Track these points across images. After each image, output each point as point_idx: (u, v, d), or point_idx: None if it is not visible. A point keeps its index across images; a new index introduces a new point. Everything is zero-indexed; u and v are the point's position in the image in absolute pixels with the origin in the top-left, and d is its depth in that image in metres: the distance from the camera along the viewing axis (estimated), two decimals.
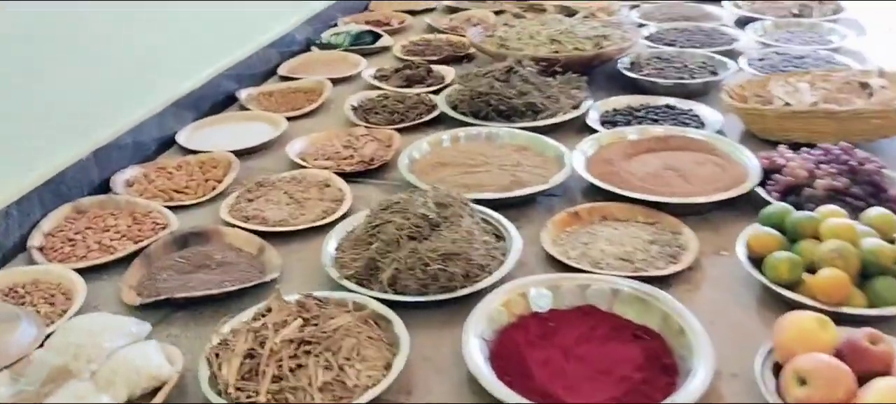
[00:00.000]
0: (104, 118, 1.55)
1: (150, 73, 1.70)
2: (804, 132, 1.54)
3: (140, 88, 1.67)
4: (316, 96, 1.94)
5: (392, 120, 1.76)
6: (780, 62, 1.94)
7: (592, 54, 1.94)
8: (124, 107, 1.61)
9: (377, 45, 2.34)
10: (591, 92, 1.83)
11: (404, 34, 2.51)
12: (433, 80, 2.01)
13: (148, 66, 1.68)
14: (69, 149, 1.46)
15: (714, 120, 1.69)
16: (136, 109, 1.65)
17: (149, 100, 1.70)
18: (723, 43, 2.16)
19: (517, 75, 1.74)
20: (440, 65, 2.14)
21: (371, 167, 1.54)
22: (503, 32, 2.10)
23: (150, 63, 1.69)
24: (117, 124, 1.58)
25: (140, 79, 1.66)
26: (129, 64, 1.62)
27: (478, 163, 1.50)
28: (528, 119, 1.69)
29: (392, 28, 2.52)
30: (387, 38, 2.40)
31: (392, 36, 2.45)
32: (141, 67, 1.66)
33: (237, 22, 2.04)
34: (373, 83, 2.00)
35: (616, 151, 1.52)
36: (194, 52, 1.86)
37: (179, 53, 1.80)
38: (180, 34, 1.79)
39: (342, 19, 2.59)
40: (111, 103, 1.57)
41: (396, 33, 2.51)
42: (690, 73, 1.90)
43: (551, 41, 2.02)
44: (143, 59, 1.67)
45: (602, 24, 2.18)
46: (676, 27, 2.30)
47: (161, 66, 1.73)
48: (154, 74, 1.71)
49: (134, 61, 1.63)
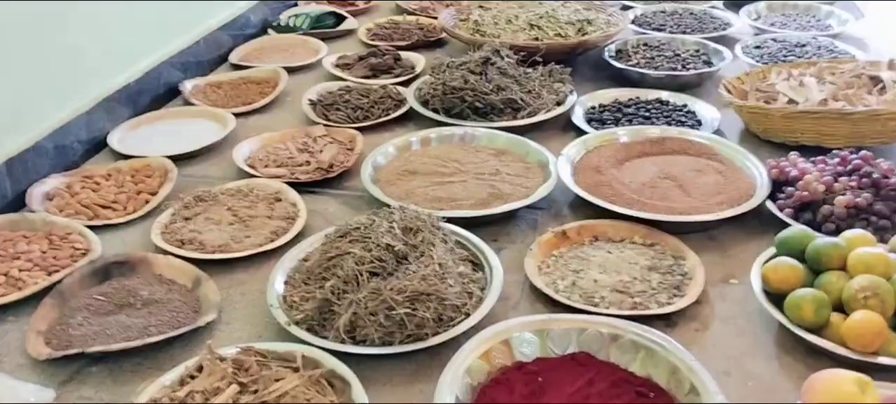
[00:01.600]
0: (19, 120, 1.34)
1: (76, 64, 1.48)
2: (813, 134, 1.38)
3: (64, 83, 1.46)
4: (270, 88, 1.74)
5: (355, 117, 1.57)
6: (778, 51, 1.79)
7: (576, 42, 1.77)
8: (46, 106, 1.40)
9: (340, 28, 2.14)
10: (574, 84, 1.66)
11: (371, 15, 2.31)
12: (402, 69, 1.82)
13: (74, 57, 1.47)
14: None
15: (711, 117, 1.53)
16: (59, 108, 1.44)
17: (75, 96, 1.49)
18: (715, 28, 1.99)
19: (494, 67, 1.56)
20: (409, 51, 1.95)
21: (330, 175, 1.36)
22: (478, 16, 1.91)
23: (76, 53, 1.48)
24: (36, 127, 1.38)
25: (64, 72, 1.45)
26: (51, 55, 1.40)
27: (451, 172, 1.32)
28: (508, 117, 1.51)
29: (357, 9, 2.31)
30: (351, 20, 2.19)
31: (357, 18, 2.25)
32: (66, 58, 1.45)
33: (183, 3, 1.82)
34: (334, 73, 1.80)
35: (606, 156, 1.35)
36: (132, 39, 1.65)
37: (114, 41, 1.59)
38: (115, 19, 1.58)
39: (301, 2, 2.38)
40: (28, 102, 1.36)
41: (362, 14, 2.31)
42: (683, 63, 1.74)
43: (531, 26, 1.84)
44: (69, 49, 1.45)
45: (585, 7, 2.00)
46: (665, 10, 2.13)
47: (91, 57, 1.52)
48: (82, 66, 1.50)
49: (57, 51, 1.42)
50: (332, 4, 2.33)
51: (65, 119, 1.44)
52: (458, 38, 1.84)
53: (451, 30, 1.87)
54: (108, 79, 1.58)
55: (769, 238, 1.15)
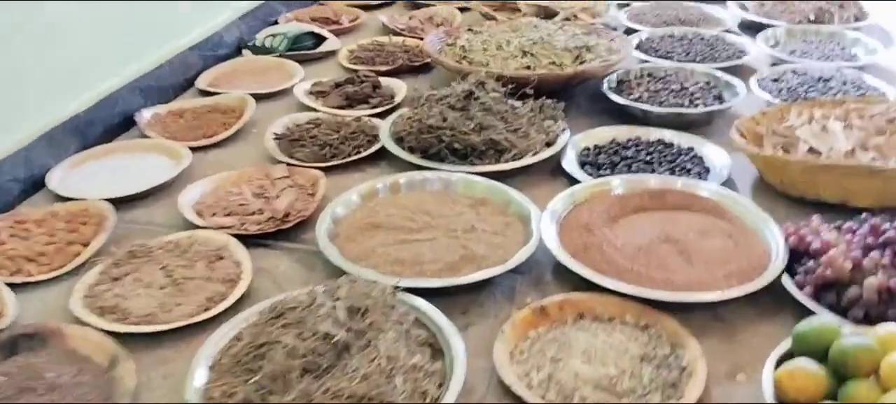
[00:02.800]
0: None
1: (17, 90, 1.34)
2: (838, 190, 1.21)
3: (1, 112, 1.31)
4: (235, 117, 1.59)
5: (322, 155, 1.41)
6: (799, 85, 1.61)
7: (571, 73, 1.60)
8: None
9: (320, 50, 1.98)
10: (568, 119, 1.50)
11: (355, 35, 2.16)
12: (380, 97, 1.66)
13: (14, 82, 1.33)
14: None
15: (720, 164, 1.36)
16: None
17: (14, 127, 1.35)
18: (728, 56, 1.82)
19: (477, 102, 1.40)
20: (392, 76, 1.79)
21: (285, 226, 1.20)
22: (466, 41, 1.75)
23: (16, 77, 1.33)
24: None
25: (2, 99, 1.31)
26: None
27: (419, 227, 1.16)
28: (490, 160, 1.35)
29: (341, 28, 2.15)
30: (333, 40, 2.04)
31: (340, 37, 2.09)
32: (4, 83, 1.30)
33: (148, 20, 1.67)
34: (305, 102, 1.65)
35: (598, 211, 1.18)
36: (85, 62, 1.50)
37: (64, 63, 1.44)
38: (67, 38, 1.43)
39: (285, 15, 2.22)
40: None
41: (346, 34, 2.15)
42: (691, 98, 1.57)
43: (523, 53, 1.67)
44: (9, 72, 1.31)
45: (584, 31, 1.83)
46: (673, 34, 1.96)
47: (34, 81, 1.37)
48: (23, 92, 1.35)
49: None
50: (315, 23, 2.18)
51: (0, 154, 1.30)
52: (443, 66, 1.68)
53: (436, 56, 1.71)
54: (55, 107, 1.43)
55: (784, 320, 0.99)
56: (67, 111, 1.45)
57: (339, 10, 2.30)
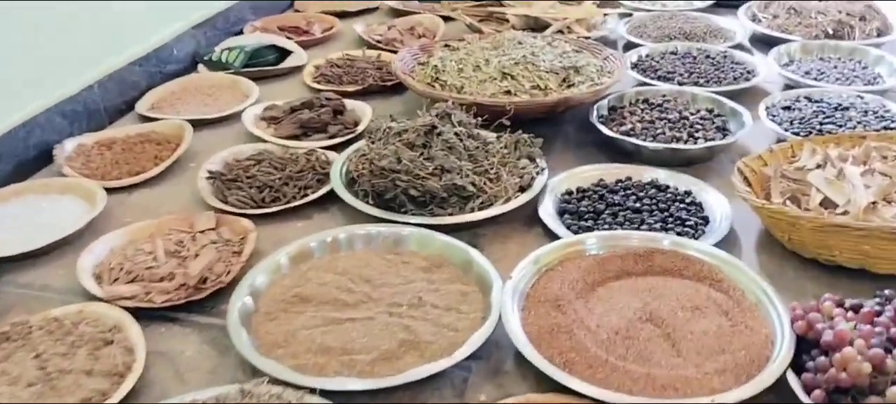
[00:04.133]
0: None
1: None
2: (856, 254, 1.01)
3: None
4: (171, 149, 1.40)
5: (260, 199, 1.23)
6: (813, 115, 1.40)
7: (555, 100, 1.40)
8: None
9: (282, 66, 1.79)
10: (552, 151, 1.31)
11: (327, 47, 1.97)
12: (342, 125, 1.47)
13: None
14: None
15: (721, 212, 1.16)
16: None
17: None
18: (736, 77, 1.61)
19: (440, 139, 1.20)
20: (361, 98, 1.60)
21: (199, 295, 1.01)
22: (440, 60, 1.55)
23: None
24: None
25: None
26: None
27: (356, 301, 0.97)
28: (454, 208, 1.15)
29: (311, 39, 1.96)
30: (299, 53, 1.85)
31: (310, 49, 1.90)
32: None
33: (82, 30, 1.49)
34: (252, 130, 1.46)
35: (571, 279, 0.99)
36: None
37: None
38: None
39: (252, 24, 2.04)
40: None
41: (317, 45, 1.96)
42: (690, 129, 1.36)
43: (502, 75, 1.48)
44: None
45: (576, 48, 1.63)
46: (676, 51, 1.75)
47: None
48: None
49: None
50: (284, 33, 1.99)
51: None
52: (413, 89, 1.48)
53: (405, 77, 1.51)
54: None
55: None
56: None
57: (313, 18, 2.11)
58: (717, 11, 2.11)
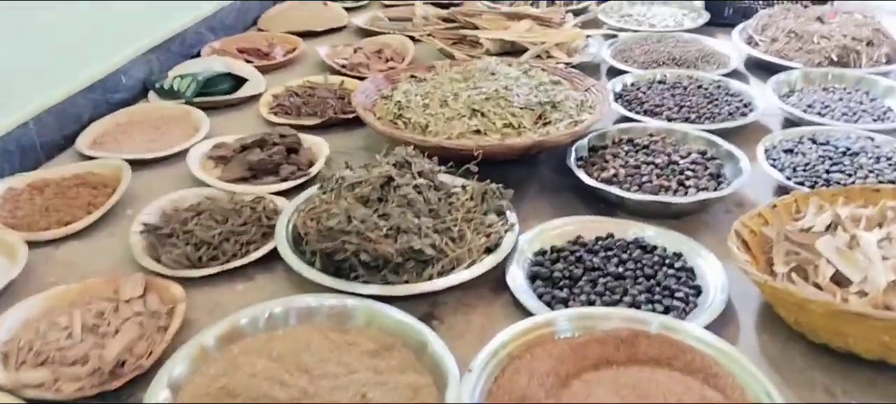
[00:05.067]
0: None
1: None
2: (874, 345, 0.87)
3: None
4: (108, 193, 1.26)
5: (196, 258, 1.08)
6: (819, 159, 1.27)
7: (528, 143, 1.26)
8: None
9: (237, 96, 1.65)
10: (526, 198, 1.18)
11: (289, 72, 1.83)
12: (296, 166, 1.33)
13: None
14: None
15: (715, 281, 1.02)
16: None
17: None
18: (731, 112, 1.48)
19: (397, 194, 1.06)
20: (321, 131, 1.47)
21: (113, 385, 0.87)
22: (404, 94, 1.42)
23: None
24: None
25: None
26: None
27: (290, 398, 0.83)
28: (411, 273, 1.01)
29: (271, 63, 1.82)
30: (258, 79, 1.71)
31: (270, 74, 1.76)
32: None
33: (15, 58, 1.35)
34: (195, 173, 1.31)
35: (541, 371, 0.84)
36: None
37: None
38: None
39: (210, 45, 1.89)
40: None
41: (278, 70, 1.82)
42: (680, 177, 1.23)
43: (472, 112, 1.34)
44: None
45: (554, 78, 1.49)
46: (665, 79, 1.62)
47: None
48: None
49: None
50: (244, 55, 1.85)
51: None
52: (372, 128, 1.34)
53: (364, 113, 1.37)
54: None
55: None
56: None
57: (276, 39, 1.97)
58: (708, 31, 1.98)
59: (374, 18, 2.11)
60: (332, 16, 2.14)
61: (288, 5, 2.24)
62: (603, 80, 1.73)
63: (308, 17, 2.11)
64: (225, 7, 2.00)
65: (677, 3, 2.14)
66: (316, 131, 1.48)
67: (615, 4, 2.14)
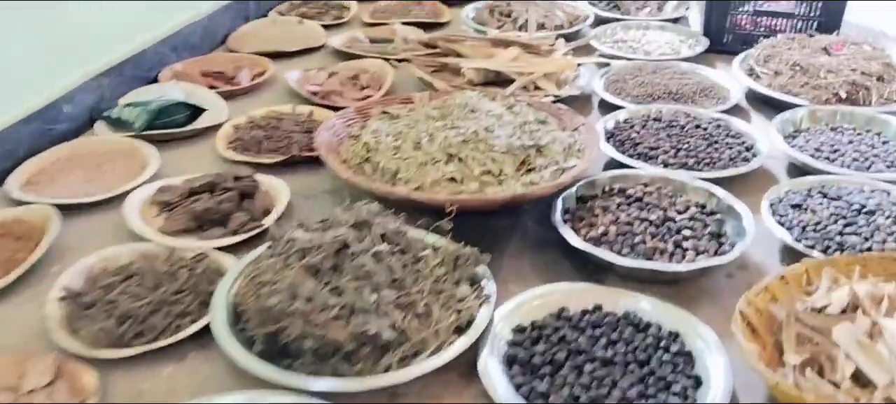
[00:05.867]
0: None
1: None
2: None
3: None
4: (33, 246, 1.11)
5: (119, 335, 0.94)
6: (830, 218, 1.13)
7: (507, 197, 1.12)
8: None
9: (191, 128, 1.50)
10: (505, 257, 1.06)
11: (257, 97, 1.68)
12: (248, 215, 1.19)
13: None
14: None
15: (717, 368, 0.89)
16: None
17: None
18: (732, 156, 1.34)
19: (352, 263, 0.92)
20: (283, 170, 1.33)
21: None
22: (373, 135, 1.28)
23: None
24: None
25: None
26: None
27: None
28: (366, 361, 0.87)
29: (237, 88, 1.68)
30: (219, 107, 1.56)
31: (235, 100, 1.62)
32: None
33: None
34: (131, 225, 1.17)
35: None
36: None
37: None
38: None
39: (171, 68, 1.75)
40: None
41: (244, 96, 1.68)
42: (676, 236, 1.09)
43: (448, 157, 1.20)
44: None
45: (540, 117, 1.36)
46: (660, 116, 1.48)
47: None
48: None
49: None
50: (207, 79, 1.71)
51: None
52: (335, 174, 1.20)
53: (327, 156, 1.22)
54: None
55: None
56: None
57: (245, 61, 1.82)
58: (707, 59, 1.85)
59: (352, 39, 1.97)
60: (307, 35, 2.00)
61: (261, 23, 2.10)
62: (594, 114, 1.60)
63: (282, 37, 1.97)
64: (190, 25, 1.85)
65: (674, 28, 2.01)
66: (278, 170, 1.34)
67: (608, 28, 2.00)
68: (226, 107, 1.57)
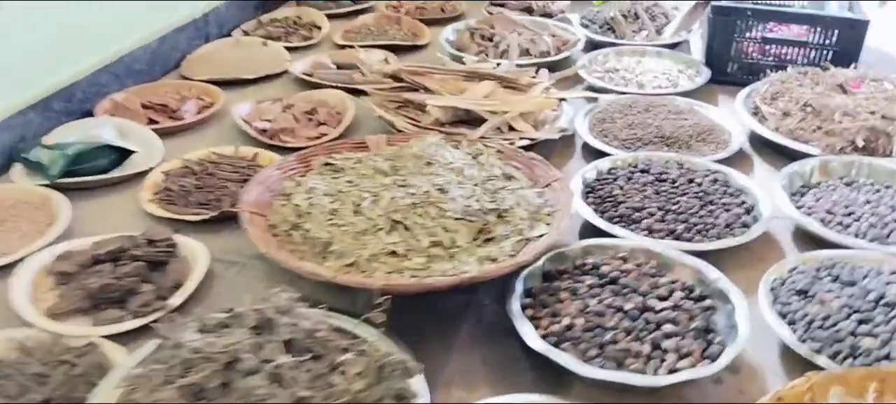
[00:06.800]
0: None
1: None
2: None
3: None
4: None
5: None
6: (842, 313, 0.94)
7: (454, 282, 0.94)
8: None
9: (114, 176, 1.33)
10: (449, 354, 0.89)
11: (202, 134, 1.51)
12: (154, 291, 1.02)
13: None
14: None
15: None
16: None
17: None
18: (730, 222, 1.15)
19: (246, 383, 0.75)
20: (213, 227, 1.16)
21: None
22: (307, 194, 1.10)
23: None
24: None
25: None
26: None
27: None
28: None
29: (180, 123, 1.51)
30: (155, 148, 1.39)
31: (177, 137, 1.46)
32: None
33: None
34: (16, 308, 0.99)
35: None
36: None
37: None
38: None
39: (111, 98, 1.57)
40: None
41: (188, 131, 1.51)
42: (656, 333, 0.91)
43: (392, 224, 1.03)
44: None
45: (507, 170, 1.18)
46: (648, 166, 1.29)
47: None
48: None
49: None
50: (148, 112, 1.54)
51: None
52: (253, 243, 1.02)
53: (248, 220, 1.05)
54: None
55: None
56: None
57: (194, 89, 1.65)
58: (709, 90, 1.66)
59: (317, 64, 1.79)
60: (269, 59, 1.82)
61: (221, 44, 1.92)
62: (577, 158, 1.42)
63: (242, 61, 1.80)
64: (138, 49, 1.68)
65: (673, 55, 1.82)
66: (206, 228, 1.17)
67: (600, 55, 1.81)
68: (162, 147, 1.40)
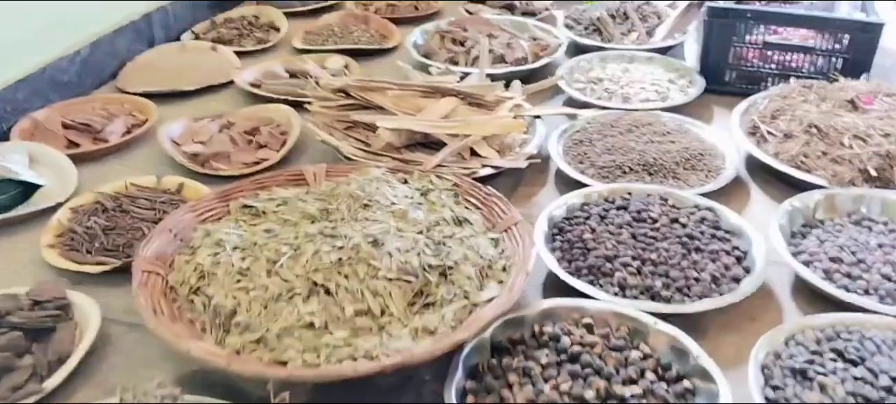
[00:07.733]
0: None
1: None
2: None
3: None
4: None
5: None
6: (855, 386, 0.78)
7: (376, 370, 0.78)
8: None
9: (16, 215, 1.16)
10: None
11: (130, 158, 1.34)
12: (30, 368, 0.86)
13: None
14: None
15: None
16: None
17: None
18: (717, 275, 0.98)
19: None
20: (118, 278, 1.00)
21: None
22: (214, 249, 0.93)
23: None
24: None
25: None
26: None
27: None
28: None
29: (104, 146, 1.34)
30: (68, 179, 1.23)
31: (99, 163, 1.30)
32: None
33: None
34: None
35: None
36: None
37: None
38: None
39: (30, 116, 1.40)
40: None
41: (113, 155, 1.34)
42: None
43: (311, 288, 0.86)
44: None
45: (460, 214, 1.01)
46: (627, 202, 1.11)
47: None
48: None
49: None
50: (70, 132, 1.37)
51: None
52: (142, 313, 0.86)
53: (150, 273, 0.89)
54: None
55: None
56: None
57: (127, 104, 1.49)
58: (704, 102, 1.49)
59: (267, 73, 1.62)
60: (215, 67, 1.64)
61: (165, 50, 1.74)
62: (549, 186, 1.25)
63: (186, 69, 1.62)
64: (61, 58, 1.51)
65: (664, 61, 1.63)
66: (110, 281, 1.01)
67: (583, 61, 1.63)
68: (76, 177, 1.23)
